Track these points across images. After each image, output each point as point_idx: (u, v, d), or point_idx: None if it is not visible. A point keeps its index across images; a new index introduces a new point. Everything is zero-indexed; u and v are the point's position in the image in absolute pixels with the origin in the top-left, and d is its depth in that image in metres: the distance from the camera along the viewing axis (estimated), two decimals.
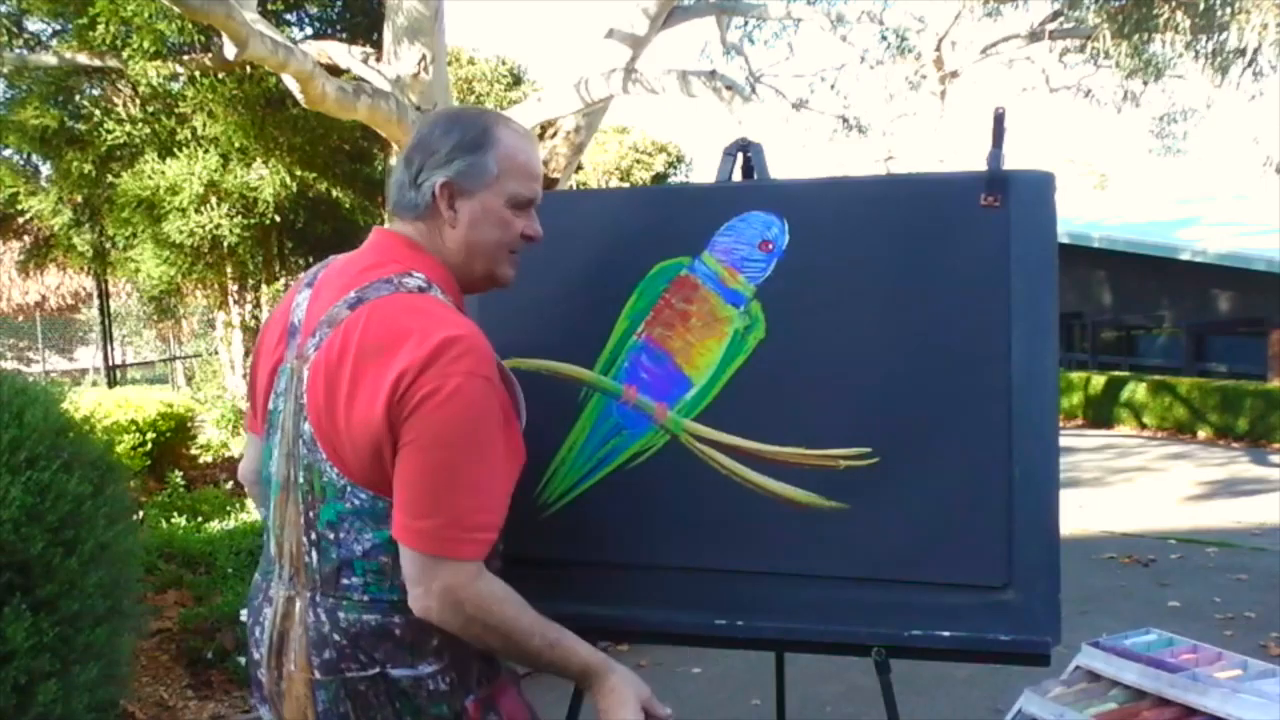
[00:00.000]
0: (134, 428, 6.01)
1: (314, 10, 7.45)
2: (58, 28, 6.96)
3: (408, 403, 1.19)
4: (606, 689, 1.28)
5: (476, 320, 1.34)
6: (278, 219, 6.99)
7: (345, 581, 1.25)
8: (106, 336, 11.04)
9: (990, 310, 1.55)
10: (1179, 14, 7.33)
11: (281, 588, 1.31)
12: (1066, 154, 32.54)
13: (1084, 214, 15.64)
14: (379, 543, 1.24)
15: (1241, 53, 7.53)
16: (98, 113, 6.65)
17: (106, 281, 10.39)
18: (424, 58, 5.64)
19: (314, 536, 1.27)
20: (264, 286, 7.85)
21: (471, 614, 1.21)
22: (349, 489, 1.24)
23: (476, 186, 1.34)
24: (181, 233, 6.60)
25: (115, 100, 6.81)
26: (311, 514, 1.27)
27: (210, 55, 6.23)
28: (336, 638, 1.25)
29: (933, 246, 1.58)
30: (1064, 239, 12.33)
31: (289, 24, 7.30)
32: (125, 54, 6.11)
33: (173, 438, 6.40)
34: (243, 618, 1.42)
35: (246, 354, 8.09)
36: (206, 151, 6.61)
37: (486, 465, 1.22)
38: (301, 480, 1.28)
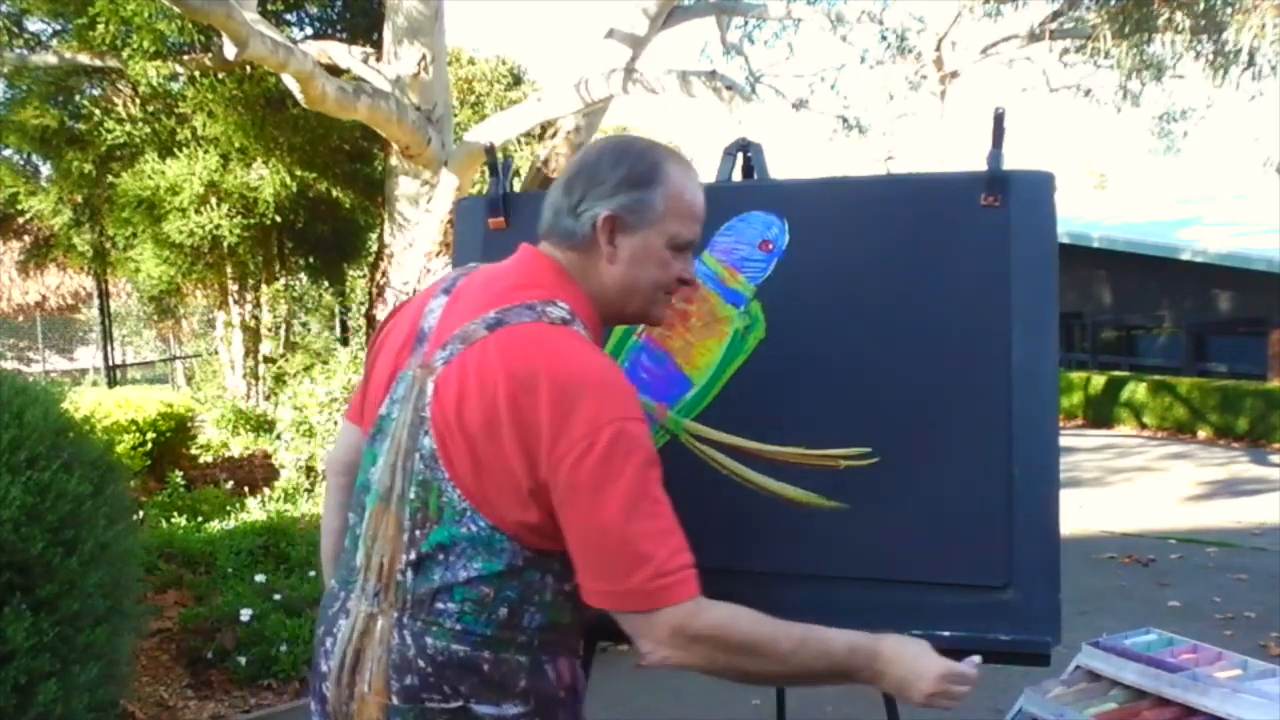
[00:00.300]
0: (134, 428, 6.01)
1: (314, 10, 7.46)
2: (58, 28, 6.96)
3: (562, 463, 1.14)
4: (887, 660, 1.21)
5: None
6: (278, 219, 7.00)
7: (440, 606, 1.20)
8: (106, 336, 11.06)
9: (990, 310, 1.54)
10: (1179, 14, 7.33)
11: (364, 602, 1.25)
12: (1066, 154, 32.58)
13: (1084, 214, 15.65)
14: (485, 573, 1.19)
15: (1237, 53, 7.54)
16: (98, 113, 6.66)
17: (106, 281, 10.41)
18: (424, 58, 5.64)
19: (415, 556, 1.21)
20: (264, 286, 7.86)
21: (710, 646, 1.15)
22: (469, 514, 1.19)
23: (640, 223, 1.29)
24: (181, 233, 6.61)
25: (115, 100, 6.81)
26: (419, 532, 1.21)
27: (210, 55, 6.23)
28: (421, 664, 1.20)
29: (933, 246, 1.58)
30: (1064, 239, 12.33)
31: (289, 24, 7.31)
32: (125, 54, 6.11)
33: (173, 438, 6.40)
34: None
35: (246, 354, 8.10)
36: (206, 151, 6.61)
37: (662, 503, 1.16)
38: (413, 496, 1.22)
